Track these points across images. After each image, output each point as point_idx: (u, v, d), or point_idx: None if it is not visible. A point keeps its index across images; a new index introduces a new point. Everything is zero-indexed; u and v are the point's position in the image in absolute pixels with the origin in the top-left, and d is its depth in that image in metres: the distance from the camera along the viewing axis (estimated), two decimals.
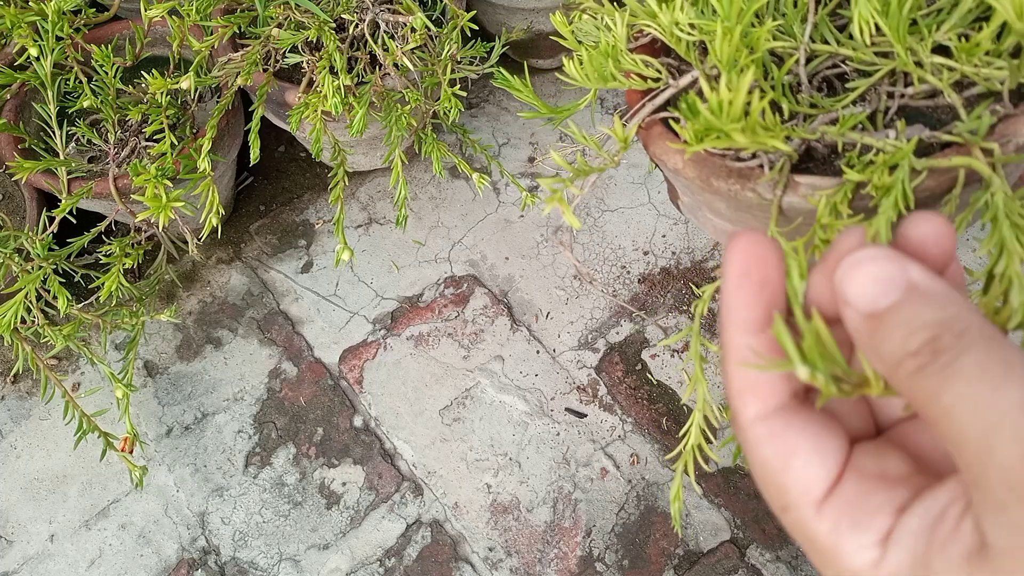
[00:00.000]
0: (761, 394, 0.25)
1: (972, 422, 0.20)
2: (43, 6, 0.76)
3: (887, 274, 0.23)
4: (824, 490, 0.24)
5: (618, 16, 0.46)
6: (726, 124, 0.35)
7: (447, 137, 1.02)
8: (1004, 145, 0.41)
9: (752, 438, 0.25)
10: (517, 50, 1.07)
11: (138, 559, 0.79)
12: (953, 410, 0.20)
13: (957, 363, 0.21)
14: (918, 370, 0.21)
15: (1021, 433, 0.19)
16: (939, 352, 0.21)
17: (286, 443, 0.85)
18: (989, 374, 0.20)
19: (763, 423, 0.25)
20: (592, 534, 0.77)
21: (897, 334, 0.22)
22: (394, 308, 0.92)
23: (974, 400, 0.20)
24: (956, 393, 0.20)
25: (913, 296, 0.22)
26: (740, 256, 0.25)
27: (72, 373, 0.91)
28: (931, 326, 0.22)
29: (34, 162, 0.77)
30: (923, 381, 0.21)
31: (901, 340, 0.22)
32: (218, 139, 0.82)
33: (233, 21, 0.80)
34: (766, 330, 0.25)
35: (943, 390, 0.21)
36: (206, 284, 0.96)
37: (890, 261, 0.23)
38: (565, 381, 0.86)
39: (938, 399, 0.21)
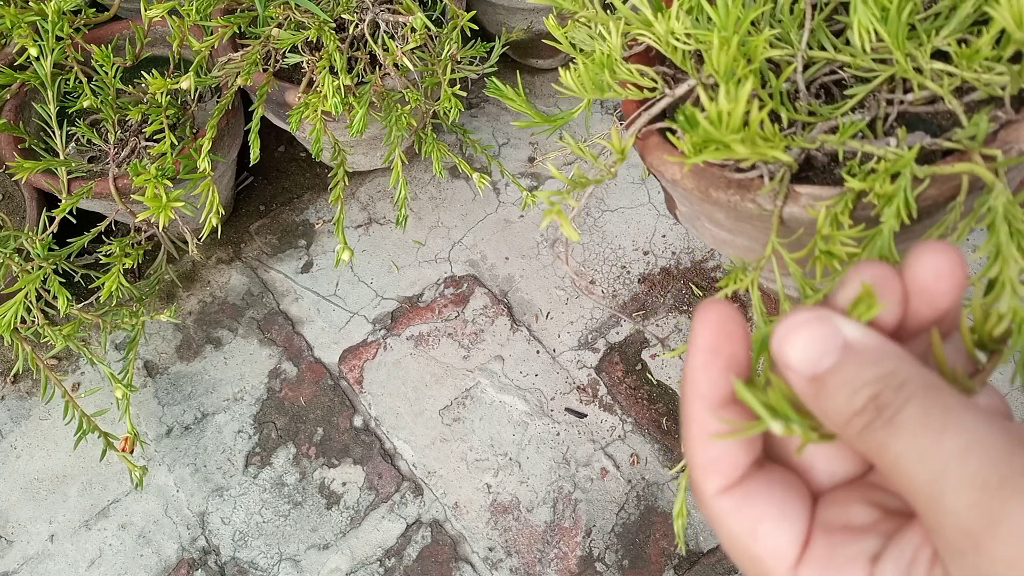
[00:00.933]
0: (723, 468, 0.25)
1: (919, 472, 0.21)
2: (43, 6, 0.76)
3: (822, 337, 0.23)
4: (796, 554, 0.24)
5: (612, 25, 0.45)
6: (725, 135, 0.35)
7: (447, 137, 1.02)
8: (1006, 151, 0.41)
9: (717, 512, 0.25)
10: (517, 50, 1.07)
11: (138, 559, 0.80)
12: (901, 461, 0.21)
13: (899, 416, 0.21)
14: (865, 427, 0.22)
15: (965, 480, 0.20)
16: (882, 408, 0.22)
17: (286, 443, 0.85)
18: (930, 424, 0.21)
19: (726, 496, 0.25)
20: (592, 534, 0.77)
21: (840, 395, 0.23)
22: (394, 308, 0.92)
23: (918, 450, 0.21)
24: (902, 445, 0.21)
25: (850, 355, 0.23)
26: (709, 331, 0.25)
27: (72, 373, 0.91)
28: (872, 383, 0.22)
29: (34, 162, 0.77)
30: (871, 436, 0.22)
31: (845, 400, 0.22)
32: (218, 139, 0.82)
33: (233, 21, 0.80)
34: (730, 406, 0.25)
35: (889, 443, 0.21)
36: (206, 284, 0.96)
37: (823, 323, 0.23)
38: (565, 381, 0.86)
39: (887, 452, 0.21)
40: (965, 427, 0.20)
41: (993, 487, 0.19)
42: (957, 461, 0.20)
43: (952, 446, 0.20)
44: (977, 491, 0.19)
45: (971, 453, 0.20)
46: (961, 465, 0.20)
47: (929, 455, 0.20)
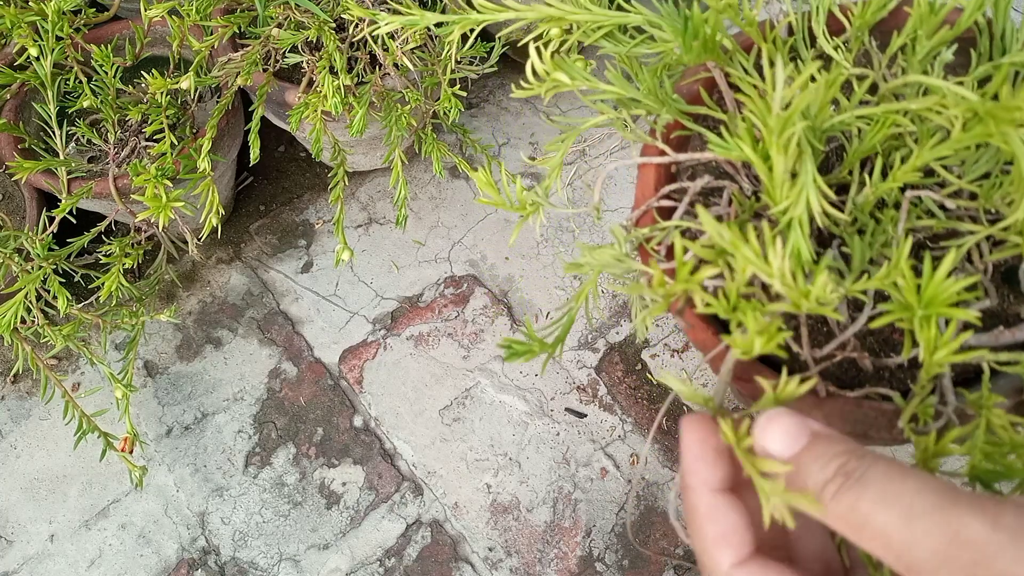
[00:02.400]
0: (734, 543, 0.29)
1: (890, 514, 0.25)
2: (43, 6, 0.76)
3: (794, 426, 0.28)
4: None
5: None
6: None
7: (447, 137, 1.02)
8: None
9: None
10: (517, 50, 1.07)
11: (138, 559, 0.80)
12: (872, 512, 0.25)
13: (866, 476, 0.26)
14: (838, 491, 0.26)
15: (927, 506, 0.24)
16: (850, 473, 0.26)
17: (286, 443, 0.85)
18: (893, 476, 0.26)
19: (743, 569, 0.28)
20: (592, 534, 0.77)
21: (814, 467, 0.27)
22: (394, 308, 0.92)
23: (886, 497, 0.25)
24: (870, 497, 0.25)
25: (818, 439, 0.28)
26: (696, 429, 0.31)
27: (72, 373, 0.91)
28: (839, 455, 0.27)
29: (34, 162, 0.77)
30: (842, 499, 0.26)
31: (819, 471, 0.27)
32: (218, 139, 0.82)
33: (233, 21, 0.80)
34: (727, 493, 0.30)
35: (860, 500, 0.26)
36: (206, 284, 0.96)
37: (792, 416, 0.29)
38: (565, 381, 0.86)
39: (858, 509, 0.26)
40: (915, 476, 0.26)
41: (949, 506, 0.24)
42: (920, 494, 0.25)
43: (913, 486, 0.25)
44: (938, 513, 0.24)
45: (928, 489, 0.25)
46: (924, 497, 0.25)
47: (896, 498, 0.25)
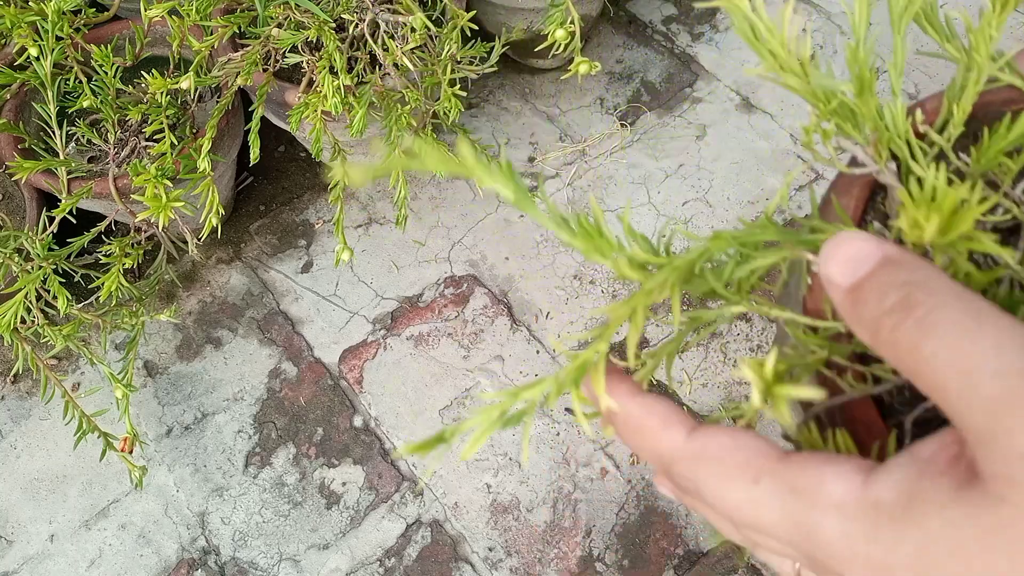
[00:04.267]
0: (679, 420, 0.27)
1: (952, 367, 0.21)
2: (43, 6, 0.76)
3: (862, 249, 0.25)
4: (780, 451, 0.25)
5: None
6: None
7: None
8: None
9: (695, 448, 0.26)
10: (517, 50, 1.07)
11: (138, 559, 0.80)
12: (934, 359, 0.21)
13: (932, 316, 0.22)
14: (895, 327, 0.23)
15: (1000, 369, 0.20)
16: (913, 307, 0.23)
17: (286, 443, 0.85)
18: (963, 325, 0.22)
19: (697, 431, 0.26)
20: (592, 534, 0.77)
21: (873, 297, 0.24)
22: (394, 308, 0.92)
23: (952, 348, 0.21)
24: (934, 343, 0.22)
25: (887, 264, 0.24)
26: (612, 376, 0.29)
27: (72, 373, 0.91)
28: (903, 285, 0.23)
29: (34, 162, 0.77)
30: (902, 336, 0.22)
31: (877, 301, 0.23)
32: (218, 139, 0.82)
33: (233, 21, 0.80)
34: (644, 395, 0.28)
35: (922, 342, 0.22)
36: (206, 284, 0.96)
37: (866, 239, 0.25)
38: None
39: (918, 351, 0.22)
40: (1000, 326, 0.21)
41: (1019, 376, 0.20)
42: (993, 353, 0.21)
43: (987, 342, 0.21)
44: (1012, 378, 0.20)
45: (1005, 347, 0.21)
46: (996, 356, 0.21)
47: (962, 352, 0.21)
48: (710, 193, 0.97)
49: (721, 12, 1.14)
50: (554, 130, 1.04)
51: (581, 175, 1.00)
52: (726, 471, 0.25)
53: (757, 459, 0.24)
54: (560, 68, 1.10)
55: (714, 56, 1.09)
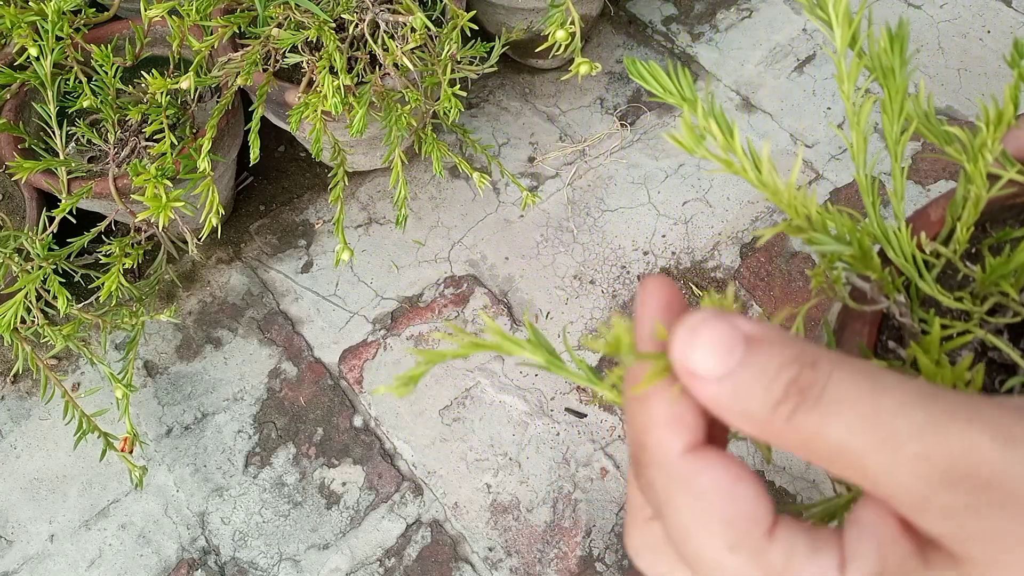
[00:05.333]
0: (688, 426, 0.23)
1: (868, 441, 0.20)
2: (43, 6, 0.76)
3: (724, 333, 0.22)
4: (772, 519, 0.22)
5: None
6: None
7: (447, 137, 1.02)
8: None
9: (685, 471, 0.23)
10: (517, 50, 1.07)
11: (138, 559, 0.80)
12: (844, 439, 0.20)
13: (827, 394, 0.20)
14: (792, 415, 0.21)
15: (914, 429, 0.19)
16: (805, 389, 0.21)
17: (286, 443, 0.85)
18: (862, 388, 0.20)
19: (698, 453, 0.23)
20: (592, 534, 0.77)
21: (757, 387, 0.21)
22: (394, 308, 0.92)
23: (860, 420, 0.20)
24: (839, 421, 0.20)
25: (755, 346, 0.22)
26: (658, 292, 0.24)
27: (72, 373, 0.91)
28: (786, 367, 0.21)
29: (34, 162, 0.77)
30: (801, 425, 0.20)
31: (763, 391, 0.21)
32: (218, 139, 0.82)
33: (233, 21, 0.80)
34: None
35: (826, 426, 0.20)
36: (206, 284, 0.96)
37: (720, 321, 0.22)
38: (565, 381, 0.86)
39: (825, 437, 0.20)
40: (892, 385, 0.20)
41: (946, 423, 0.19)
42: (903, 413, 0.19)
43: (892, 403, 0.20)
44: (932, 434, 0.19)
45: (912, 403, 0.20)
46: (909, 415, 0.19)
47: (872, 420, 0.20)
48: (710, 193, 0.97)
49: (721, 12, 1.14)
50: (554, 130, 1.04)
51: (581, 175, 1.00)
52: (705, 520, 0.22)
53: (743, 524, 0.22)
54: (560, 68, 1.10)
55: (714, 56, 1.09)
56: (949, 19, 1.09)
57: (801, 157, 0.31)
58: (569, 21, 0.71)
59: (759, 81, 1.06)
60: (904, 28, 0.34)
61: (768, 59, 1.08)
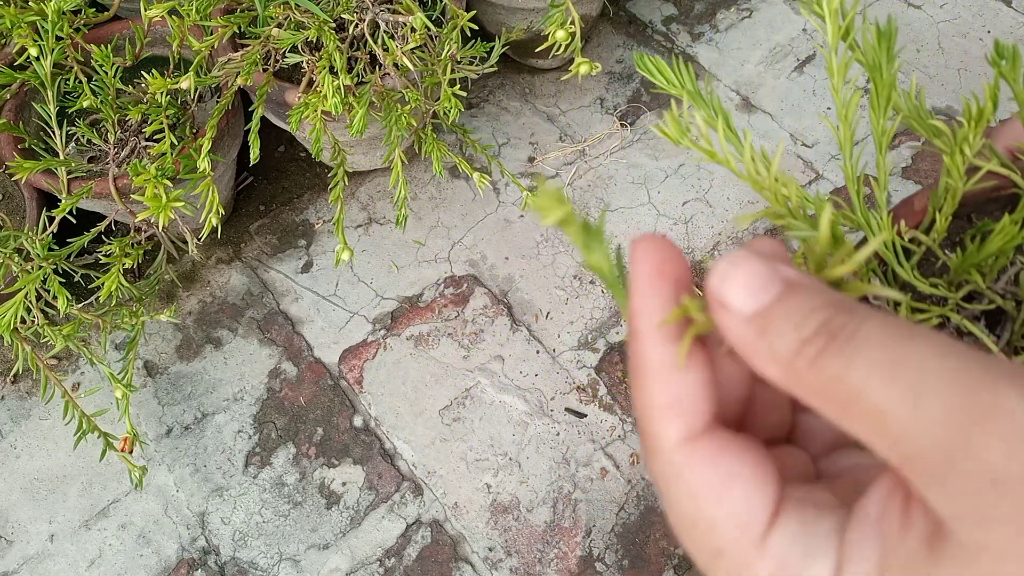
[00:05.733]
0: (689, 411, 0.22)
1: (890, 391, 0.18)
2: (43, 6, 0.76)
3: (762, 272, 0.21)
4: (766, 522, 0.21)
5: None
6: None
7: (447, 137, 1.02)
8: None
9: (678, 464, 0.22)
10: (517, 50, 1.07)
11: (138, 559, 0.80)
12: (866, 385, 0.18)
13: (858, 336, 0.19)
14: (818, 355, 0.19)
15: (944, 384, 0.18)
16: (835, 331, 0.19)
17: (286, 443, 0.85)
18: (894, 342, 0.19)
19: (691, 445, 0.22)
20: (592, 534, 0.77)
21: (788, 324, 0.20)
22: (394, 308, 0.92)
23: (887, 363, 0.18)
24: (864, 363, 0.19)
25: (794, 288, 0.21)
26: (650, 255, 0.23)
27: (72, 373, 0.91)
28: (821, 308, 0.20)
29: (34, 162, 0.77)
30: (825, 366, 0.19)
31: (793, 329, 0.20)
32: (218, 139, 0.82)
33: (233, 21, 0.80)
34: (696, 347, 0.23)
35: (849, 367, 0.19)
36: (206, 284, 0.96)
37: (761, 261, 0.21)
38: (565, 381, 0.86)
39: (846, 380, 0.19)
40: (933, 336, 0.18)
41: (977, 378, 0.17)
42: (935, 360, 0.18)
43: (925, 349, 0.18)
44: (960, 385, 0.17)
45: (947, 354, 0.18)
46: (941, 363, 0.18)
47: (901, 370, 0.18)
48: (710, 193, 0.97)
49: (721, 12, 1.14)
50: (554, 130, 1.04)
51: (581, 175, 1.00)
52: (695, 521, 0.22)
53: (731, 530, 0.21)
54: (560, 68, 1.10)
55: (714, 56, 1.09)
56: (949, 19, 1.09)
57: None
58: (569, 21, 0.71)
59: (759, 81, 1.06)
60: (892, 25, 0.35)
61: (768, 59, 1.08)
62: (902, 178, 0.95)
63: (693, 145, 0.34)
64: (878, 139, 0.39)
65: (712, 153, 0.33)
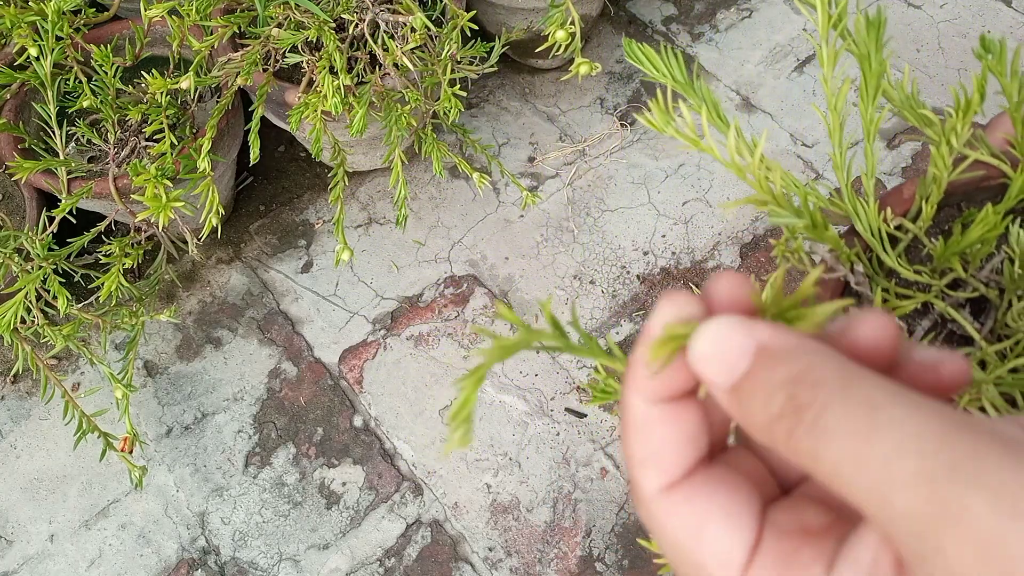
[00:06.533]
0: (665, 463, 0.23)
1: (859, 479, 0.19)
2: (43, 6, 0.76)
3: (735, 344, 0.22)
4: (744, 559, 0.22)
5: None
6: None
7: (447, 137, 1.02)
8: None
9: (657, 512, 0.23)
10: (517, 50, 1.07)
11: (138, 559, 0.80)
12: (839, 468, 0.19)
13: (822, 421, 0.20)
14: (789, 433, 0.20)
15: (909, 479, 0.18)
16: (800, 409, 0.20)
17: (286, 443, 0.85)
18: (857, 426, 0.19)
19: (667, 494, 0.23)
20: (592, 534, 0.77)
21: (756, 400, 0.21)
22: (394, 308, 0.92)
23: (852, 458, 0.19)
24: (834, 452, 0.19)
25: (764, 358, 0.21)
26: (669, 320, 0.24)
27: (72, 373, 0.91)
28: (785, 384, 0.21)
29: (34, 162, 0.77)
30: (798, 443, 0.20)
31: (762, 406, 0.21)
32: (218, 139, 0.82)
33: (233, 21, 0.80)
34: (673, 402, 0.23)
35: (820, 450, 0.20)
36: (206, 284, 0.96)
37: (734, 330, 0.22)
38: (565, 381, 0.86)
39: (820, 460, 0.20)
40: (895, 421, 0.19)
41: (943, 479, 0.18)
42: (896, 460, 0.18)
43: (886, 446, 0.19)
44: (925, 487, 0.18)
45: (909, 449, 0.18)
46: (901, 463, 0.18)
47: (865, 460, 0.19)
48: (710, 193, 0.97)
49: (721, 12, 1.14)
50: (554, 130, 1.04)
51: (581, 175, 1.00)
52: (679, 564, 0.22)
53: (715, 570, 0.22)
54: (560, 68, 1.10)
55: (714, 56, 1.09)
56: (949, 19, 1.09)
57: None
58: (569, 21, 0.71)
59: (759, 81, 1.06)
60: (881, 15, 0.37)
61: (768, 59, 1.08)
62: (902, 177, 0.95)
63: (677, 133, 0.35)
64: (867, 127, 0.41)
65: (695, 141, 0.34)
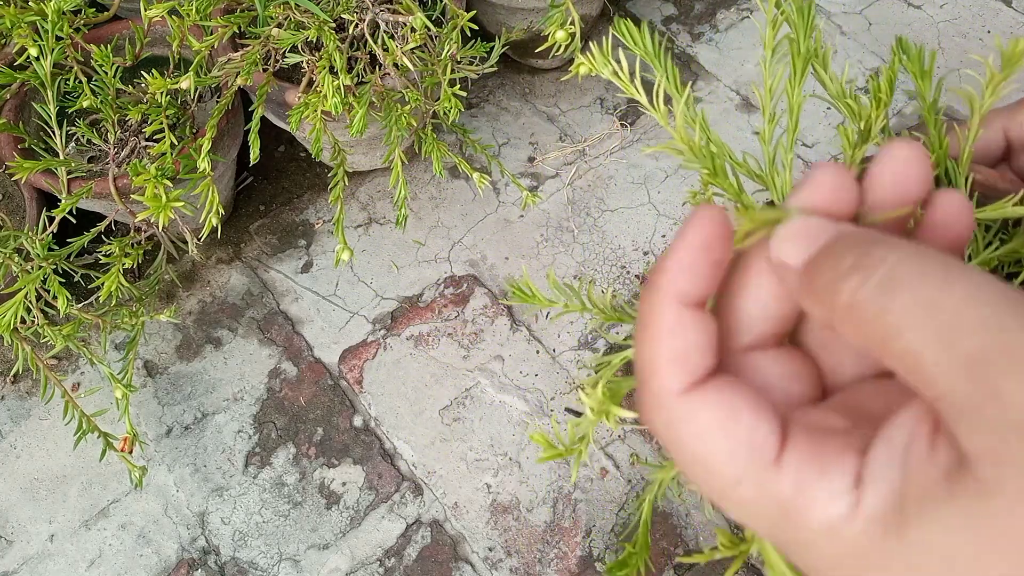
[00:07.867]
0: (691, 364, 0.23)
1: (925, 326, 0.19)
2: (43, 6, 0.76)
3: (815, 228, 0.23)
4: (776, 446, 0.22)
5: None
6: None
7: (447, 137, 1.02)
8: None
9: (684, 409, 0.23)
10: (517, 50, 1.07)
11: (138, 559, 0.80)
12: (903, 320, 0.19)
13: (896, 272, 0.20)
14: (855, 291, 0.20)
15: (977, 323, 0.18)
16: (872, 266, 0.20)
17: (286, 443, 0.85)
18: (932, 278, 0.19)
19: (695, 392, 0.23)
20: (592, 534, 0.77)
21: (827, 263, 0.21)
22: (394, 308, 0.92)
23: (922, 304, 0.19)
24: (902, 304, 0.19)
25: (842, 235, 0.22)
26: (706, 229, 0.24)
27: (72, 373, 0.91)
28: (859, 244, 0.21)
29: (34, 162, 0.77)
30: (863, 301, 0.20)
31: (831, 266, 0.21)
32: (218, 139, 0.82)
33: (233, 21, 0.80)
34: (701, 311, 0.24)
35: (888, 306, 0.19)
36: (206, 284, 0.96)
37: (817, 220, 0.23)
38: (565, 381, 0.86)
39: (884, 315, 0.19)
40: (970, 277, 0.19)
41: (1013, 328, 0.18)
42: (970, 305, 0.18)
43: (961, 292, 0.19)
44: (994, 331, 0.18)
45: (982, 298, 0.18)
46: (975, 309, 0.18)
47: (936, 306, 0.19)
48: None
49: (721, 12, 1.14)
50: (554, 130, 1.04)
51: (581, 175, 1.00)
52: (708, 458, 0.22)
53: (745, 458, 0.22)
54: (560, 68, 1.10)
55: (714, 56, 1.09)
56: (949, 19, 1.09)
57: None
58: (569, 21, 0.71)
59: (760, 80, 1.06)
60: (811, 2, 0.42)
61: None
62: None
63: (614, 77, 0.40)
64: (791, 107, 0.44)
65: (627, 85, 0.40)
